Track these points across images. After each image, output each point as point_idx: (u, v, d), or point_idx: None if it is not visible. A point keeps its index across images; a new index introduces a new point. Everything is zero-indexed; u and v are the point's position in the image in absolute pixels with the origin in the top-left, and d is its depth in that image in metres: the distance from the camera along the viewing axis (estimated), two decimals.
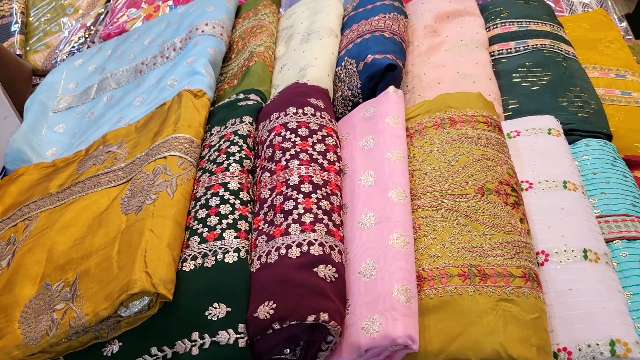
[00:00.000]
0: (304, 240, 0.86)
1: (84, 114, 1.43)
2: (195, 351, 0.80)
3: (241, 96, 1.17)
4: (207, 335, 0.80)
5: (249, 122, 1.08)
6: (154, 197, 0.93)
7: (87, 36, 1.78)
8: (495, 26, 1.46)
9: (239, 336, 0.80)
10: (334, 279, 0.83)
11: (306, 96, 1.10)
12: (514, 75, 1.32)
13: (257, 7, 1.54)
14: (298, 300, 0.79)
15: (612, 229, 0.98)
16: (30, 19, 1.84)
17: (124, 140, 1.14)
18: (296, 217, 0.89)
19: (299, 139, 1.01)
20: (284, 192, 0.93)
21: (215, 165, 1.00)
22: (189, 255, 0.88)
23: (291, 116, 1.05)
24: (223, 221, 0.92)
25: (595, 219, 0.98)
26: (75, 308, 0.85)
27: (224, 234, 0.90)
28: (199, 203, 0.95)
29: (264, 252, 0.88)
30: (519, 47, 1.38)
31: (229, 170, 0.99)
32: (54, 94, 1.51)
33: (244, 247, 0.89)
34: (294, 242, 0.86)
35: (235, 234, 0.90)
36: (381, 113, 1.06)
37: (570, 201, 0.98)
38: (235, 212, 0.94)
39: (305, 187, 0.93)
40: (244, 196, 0.97)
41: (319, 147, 1.01)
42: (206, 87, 1.21)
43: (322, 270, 0.83)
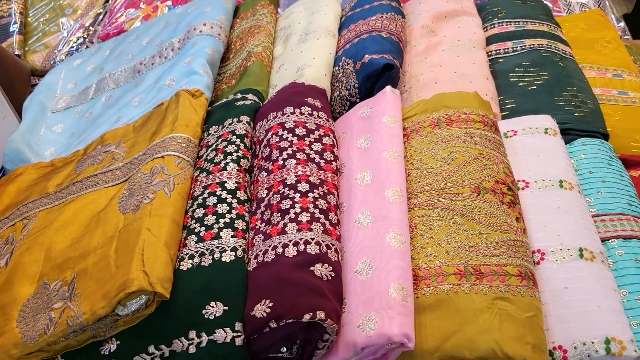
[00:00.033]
0: (301, 239, 0.86)
1: (83, 114, 1.43)
2: (193, 349, 0.81)
3: (239, 96, 1.17)
4: (204, 333, 0.81)
5: (246, 122, 1.09)
6: (152, 197, 0.93)
7: (85, 36, 1.78)
8: (492, 26, 1.47)
9: (235, 334, 0.80)
10: (330, 278, 0.84)
11: (303, 96, 1.10)
12: (511, 74, 1.32)
13: (255, 7, 1.54)
14: (294, 298, 0.79)
15: (608, 228, 0.99)
16: (29, 19, 1.84)
17: (122, 140, 1.14)
18: (293, 216, 0.89)
19: (296, 138, 1.02)
20: (281, 192, 0.94)
21: (212, 165, 1.01)
22: (186, 254, 0.88)
23: (288, 116, 1.05)
24: (220, 220, 0.92)
25: (591, 217, 0.98)
26: (73, 307, 0.85)
27: (221, 233, 0.90)
28: (197, 202, 0.95)
29: (260, 251, 0.88)
30: (516, 47, 1.38)
31: (226, 169, 0.99)
32: (53, 94, 1.51)
33: (241, 246, 0.90)
34: (290, 241, 0.86)
35: (232, 233, 0.91)
36: (378, 112, 1.07)
37: (566, 200, 0.98)
38: (233, 211, 0.94)
39: (302, 187, 0.94)
40: (241, 195, 0.97)
41: (316, 147, 1.02)
42: (204, 87, 1.21)
43: (319, 269, 0.84)
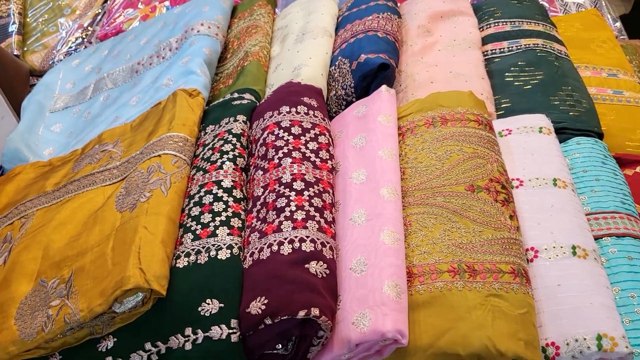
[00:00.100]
0: (296, 237, 0.87)
1: (81, 113, 1.44)
2: (189, 346, 0.81)
3: (235, 95, 1.18)
4: (200, 330, 0.81)
5: (242, 121, 1.09)
6: (148, 195, 0.93)
7: (84, 36, 1.79)
8: (488, 26, 1.47)
9: (231, 331, 0.81)
10: (325, 275, 0.84)
11: (299, 95, 1.11)
12: (507, 74, 1.32)
13: (252, 8, 1.55)
14: (289, 295, 0.80)
15: (601, 225, 0.99)
16: (28, 19, 1.85)
17: (119, 139, 1.15)
18: (288, 214, 0.90)
19: (292, 137, 1.02)
20: (276, 190, 0.94)
21: (209, 164, 1.01)
22: (182, 252, 0.89)
23: (284, 115, 1.06)
24: (216, 218, 0.93)
25: (585, 216, 0.99)
26: (70, 304, 0.86)
27: (217, 231, 0.91)
28: (193, 201, 0.96)
29: (256, 248, 0.89)
30: (511, 47, 1.39)
31: (222, 168, 1.00)
32: (51, 94, 1.52)
33: (236, 244, 0.90)
34: (286, 238, 0.87)
35: (228, 231, 0.91)
36: (373, 112, 1.07)
37: (560, 199, 0.99)
38: (229, 209, 0.95)
39: (298, 185, 0.94)
40: (237, 194, 0.98)
41: (311, 146, 1.02)
42: (201, 87, 1.22)
43: (314, 267, 0.84)
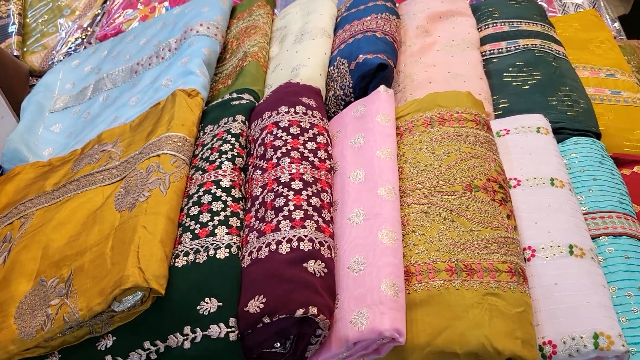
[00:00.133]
0: (294, 236, 0.87)
1: (80, 114, 1.44)
2: (187, 345, 0.82)
3: (234, 96, 1.18)
4: (198, 329, 0.82)
5: (241, 121, 1.10)
6: (147, 195, 0.94)
7: (83, 37, 1.80)
8: (487, 26, 1.48)
9: (229, 330, 0.81)
10: (323, 274, 0.85)
11: (298, 95, 1.11)
12: (505, 74, 1.33)
13: (251, 8, 1.55)
14: (287, 294, 0.80)
15: (598, 225, 1.00)
16: (28, 20, 1.85)
17: (118, 139, 1.16)
18: (287, 213, 0.91)
19: (290, 137, 1.03)
20: (275, 190, 0.95)
21: (207, 163, 1.02)
22: (181, 251, 0.89)
23: (283, 115, 1.06)
24: (215, 218, 0.93)
25: (582, 215, 0.99)
26: (69, 303, 0.86)
27: (215, 231, 0.91)
28: (192, 200, 0.96)
29: (254, 248, 0.89)
30: (510, 47, 1.39)
31: (221, 168, 1.00)
32: (51, 94, 1.52)
33: (235, 243, 0.91)
34: (284, 238, 0.88)
35: (226, 230, 0.92)
36: (371, 112, 1.08)
37: (557, 198, 0.99)
38: (227, 209, 0.95)
39: (296, 185, 0.95)
40: (235, 193, 0.98)
41: (310, 145, 1.03)
42: (200, 87, 1.23)
43: (312, 266, 0.85)
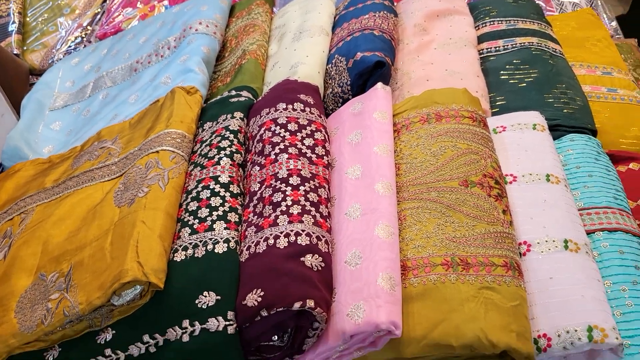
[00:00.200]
0: (292, 230, 0.88)
1: (80, 111, 1.45)
2: (186, 338, 0.82)
3: (233, 93, 1.19)
4: (197, 322, 0.83)
5: (240, 118, 1.11)
6: (146, 190, 0.95)
7: (83, 36, 1.81)
8: (484, 25, 1.49)
9: (228, 323, 0.82)
10: (320, 268, 0.85)
11: (296, 92, 1.12)
12: (502, 72, 1.34)
13: (250, 7, 1.56)
14: (285, 288, 0.81)
15: (593, 220, 1.01)
16: (28, 18, 1.86)
17: (118, 136, 1.16)
18: (284, 208, 0.91)
19: (288, 133, 1.04)
20: (273, 185, 0.96)
21: (206, 160, 1.03)
22: (180, 246, 0.90)
23: (281, 112, 1.07)
24: (213, 213, 0.94)
25: (577, 210, 1.00)
26: (69, 297, 0.87)
27: (214, 226, 0.92)
28: (190, 196, 0.97)
29: (252, 242, 0.90)
30: (507, 45, 1.40)
31: (219, 164, 1.01)
32: (51, 92, 1.53)
33: (233, 238, 0.92)
34: (282, 232, 0.88)
35: (225, 225, 0.93)
36: (369, 109, 1.09)
37: (552, 194, 1.00)
38: (226, 204, 0.96)
39: (294, 180, 0.96)
40: (234, 189, 0.99)
41: (307, 142, 1.04)
42: (199, 85, 1.24)
43: (309, 260, 0.85)
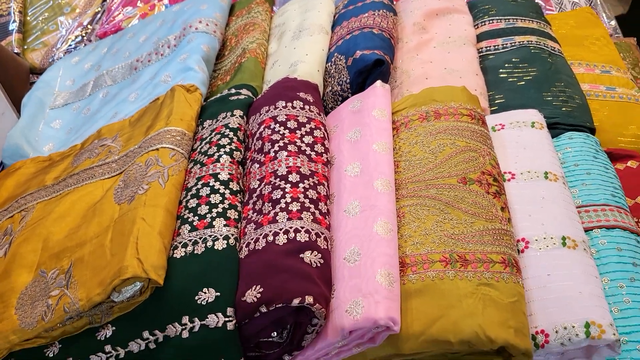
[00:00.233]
0: (291, 227, 0.89)
1: (80, 110, 1.45)
2: (186, 334, 0.83)
3: (233, 91, 1.19)
4: (196, 319, 0.83)
5: (239, 116, 1.11)
6: (146, 187, 0.95)
7: (83, 34, 1.81)
8: (483, 23, 1.49)
9: (227, 319, 0.82)
10: (319, 265, 0.86)
11: (295, 90, 1.12)
12: (501, 71, 1.34)
13: (250, 6, 1.57)
14: (284, 284, 0.82)
15: (592, 218, 1.01)
16: (28, 18, 1.86)
17: (118, 134, 1.17)
18: (284, 205, 0.92)
19: (287, 131, 1.04)
20: (272, 182, 0.96)
21: (206, 157, 1.03)
22: (179, 243, 0.91)
23: (280, 109, 1.08)
24: (213, 210, 0.94)
25: (575, 208, 1.00)
26: (69, 294, 0.88)
27: (213, 223, 0.93)
28: (190, 193, 0.98)
29: (252, 239, 0.90)
30: (506, 44, 1.40)
31: (219, 161, 1.01)
32: (51, 90, 1.54)
33: (233, 235, 0.92)
34: (281, 229, 0.89)
35: (224, 222, 0.93)
36: (368, 106, 1.09)
37: (551, 191, 1.00)
38: (225, 201, 0.96)
39: (293, 177, 0.96)
40: (233, 186, 0.99)
41: (307, 139, 1.04)
42: (199, 83, 1.24)
43: (308, 256, 0.86)
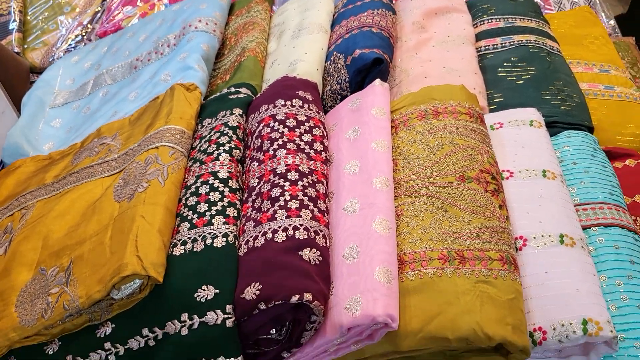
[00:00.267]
0: (290, 225, 0.89)
1: (80, 109, 1.46)
2: (185, 331, 0.83)
3: (232, 90, 1.20)
4: (196, 316, 0.83)
5: (239, 114, 1.11)
6: (146, 185, 0.96)
7: (83, 34, 1.81)
8: (482, 22, 1.49)
9: (226, 316, 0.83)
10: (318, 262, 0.86)
11: (295, 89, 1.13)
12: (500, 69, 1.34)
13: (249, 5, 1.57)
14: (283, 281, 0.82)
15: (589, 216, 1.01)
16: (28, 17, 1.86)
17: (117, 133, 1.17)
18: (283, 203, 0.92)
19: (286, 129, 1.04)
20: (271, 180, 0.96)
21: (205, 155, 1.03)
22: (179, 241, 0.91)
23: (280, 108, 1.08)
24: (212, 208, 0.95)
25: (573, 205, 1.01)
26: (69, 291, 0.88)
27: (213, 220, 0.93)
28: (190, 191, 0.98)
29: (251, 236, 0.91)
30: (504, 43, 1.41)
31: (218, 159, 1.02)
32: (51, 89, 1.54)
33: (232, 233, 0.92)
34: (280, 227, 0.89)
35: (223, 220, 0.93)
36: (367, 105, 1.09)
37: (549, 189, 1.01)
38: (224, 199, 0.97)
39: (292, 175, 0.96)
40: (233, 184, 1.00)
41: (306, 138, 1.04)
42: (199, 82, 1.24)
43: (307, 254, 0.86)
